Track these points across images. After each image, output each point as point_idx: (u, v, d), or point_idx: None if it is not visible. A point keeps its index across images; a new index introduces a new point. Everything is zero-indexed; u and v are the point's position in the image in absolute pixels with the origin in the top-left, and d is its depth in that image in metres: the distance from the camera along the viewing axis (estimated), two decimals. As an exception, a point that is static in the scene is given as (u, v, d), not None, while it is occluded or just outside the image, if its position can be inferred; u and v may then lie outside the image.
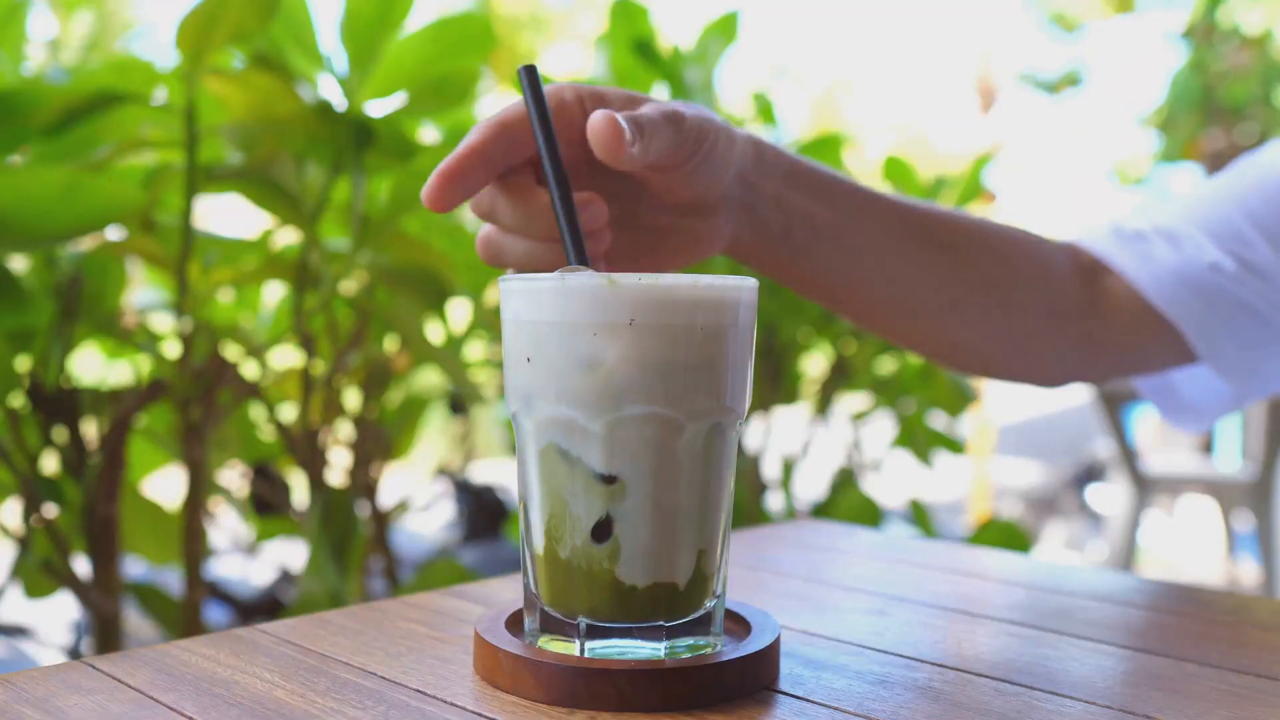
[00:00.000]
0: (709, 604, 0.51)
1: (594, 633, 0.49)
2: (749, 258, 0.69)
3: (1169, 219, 0.79)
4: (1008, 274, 0.76)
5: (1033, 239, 0.78)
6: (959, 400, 1.87)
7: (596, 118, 0.54)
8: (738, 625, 0.55)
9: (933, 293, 0.74)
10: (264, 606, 1.90)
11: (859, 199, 0.70)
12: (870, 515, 1.68)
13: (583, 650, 0.49)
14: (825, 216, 0.68)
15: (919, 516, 1.83)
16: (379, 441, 1.41)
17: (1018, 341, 0.78)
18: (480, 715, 0.46)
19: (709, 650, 0.51)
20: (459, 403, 1.95)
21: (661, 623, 0.50)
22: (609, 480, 0.48)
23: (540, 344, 0.48)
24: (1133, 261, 0.78)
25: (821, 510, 1.79)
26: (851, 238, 0.69)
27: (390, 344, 1.44)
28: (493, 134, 0.56)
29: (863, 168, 2.93)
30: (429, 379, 1.77)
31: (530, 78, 0.56)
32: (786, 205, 0.67)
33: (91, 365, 1.48)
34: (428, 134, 1.60)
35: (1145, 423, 4.45)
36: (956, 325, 0.76)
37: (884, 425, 2.03)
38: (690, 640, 0.50)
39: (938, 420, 2.02)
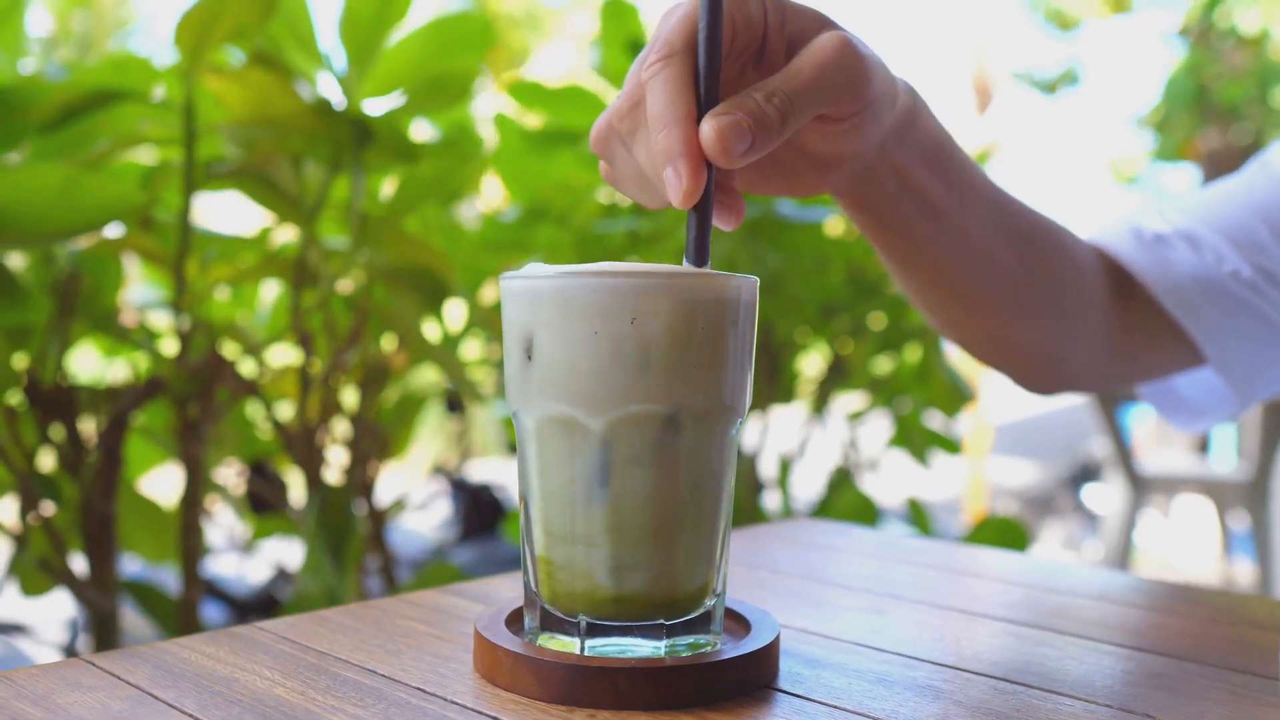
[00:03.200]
0: (709, 602, 0.51)
1: (594, 631, 0.50)
2: (849, 207, 0.67)
3: (1189, 220, 0.78)
4: (1066, 277, 0.74)
5: (1075, 239, 0.77)
6: (955, 400, 1.87)
7: (705, 129, 0.49)
8: (737, 624, 0.55)
9: (1002, 287, 0.72)
10: (261, 605, 1.90)
11: (971, 184, 0.68)
12: (867, 514, 1.68)
13: (583, 648, 0.49)
14: (938, 196, 0.66)
15: (917, 515, 1.83)
16: (376, 440, 1.41)
17: (1057, 345, 0.77)
18: (480, 713, 0.46)
19: (709, 649, 0.51)
20: (456, 401, 1.95)
21: (661, 621, 0.50)
22: (609, 478, 0.48)
23: (540, 342, 0.49)
24: (1153, 267, 0.77)
25: (818, 509, 1.79)
26: (954, 220, 0.67)
27: (388, 342, 1.44)
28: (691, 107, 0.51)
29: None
30: (426, 377, 1.77)
31: (713, 14, 0.51)
32: (908, 179, 0.64)
33: (89, 363, 1.48)
34: (425, 132, 1.60)
35: (1141, 422, 4.46)
36: (1011, 322, 0.74)
37: (880, 425, 2.03)
38: (690, 639, 0.50)
39: (934, 420, 2.02)
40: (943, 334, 0.80)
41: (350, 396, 1.39)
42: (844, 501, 1.70)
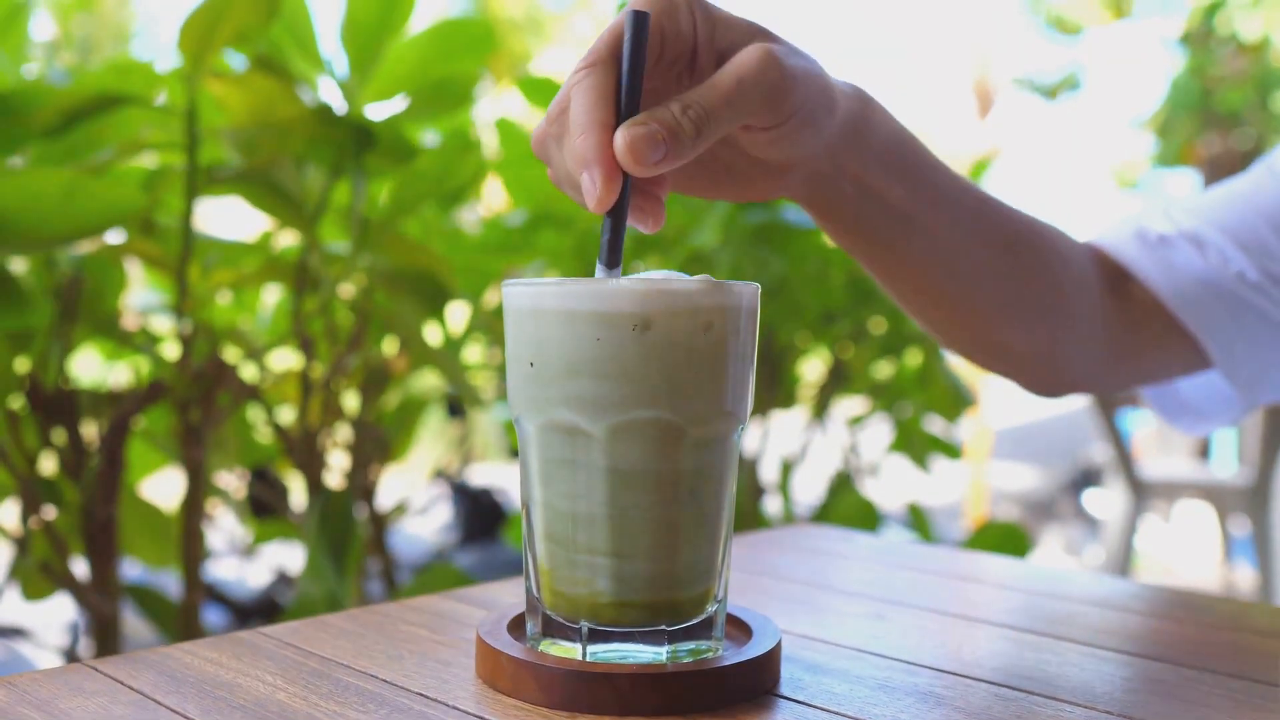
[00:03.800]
0: (710, 608, 0.51)
1: (596, 637, 0.50)
2: (811, 213, 0.67)
3: (1194, 222, 0.77)
4: (1058, 279, 0.74)
5: (1070, 240, 0.76)
6: (956, 405, 1.87)
7: (618, 138, 0.50)
8: (738, 629, 0.55)
9: (988, 291, 0.72)
10: (262, 609, 1.90)
11: (940, 187, 0.67)
12: (868, 519, 1.68)
13: (584, 654, 0.50)
14: (902, 201, 0.66)
15: (918, 520, 1.83)
16: (377, 444, 1.41)
17: (1054, 348, 0.76)
18: (482, 719, 0.46)
19: (711, 654, 0.51)
20: (457, 405, 1.95)
21: (663, 627, 0.50)
22: (611, 485, 0.48)
23: (543, 348, 0.49)
24: (1157, 269, 0.77)
25: (819, 514, 1.79)
26: (923, 224, 0.67)
27: (389, 346, 1.44)
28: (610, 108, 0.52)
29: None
30: (427, 381, 1.77)
31: (637, 27, 0.52)
32: (866, 185, 0.64)
33: (91, 367, 1.48)
34: (427, 137, 1.60)
35: (1142, 427, 4.46)
36: (1002, 326, 0.74)
37: (881, 429, 2.04)
38: (692, 644, 0.51)
39: (935, 425, 2.02)
40: (937, 340, 0.80)
41: (351, 401, 1.39)
42: (845, 506, 1.70)
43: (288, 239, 1.36)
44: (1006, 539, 1.58)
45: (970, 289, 0.71)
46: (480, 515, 3.17)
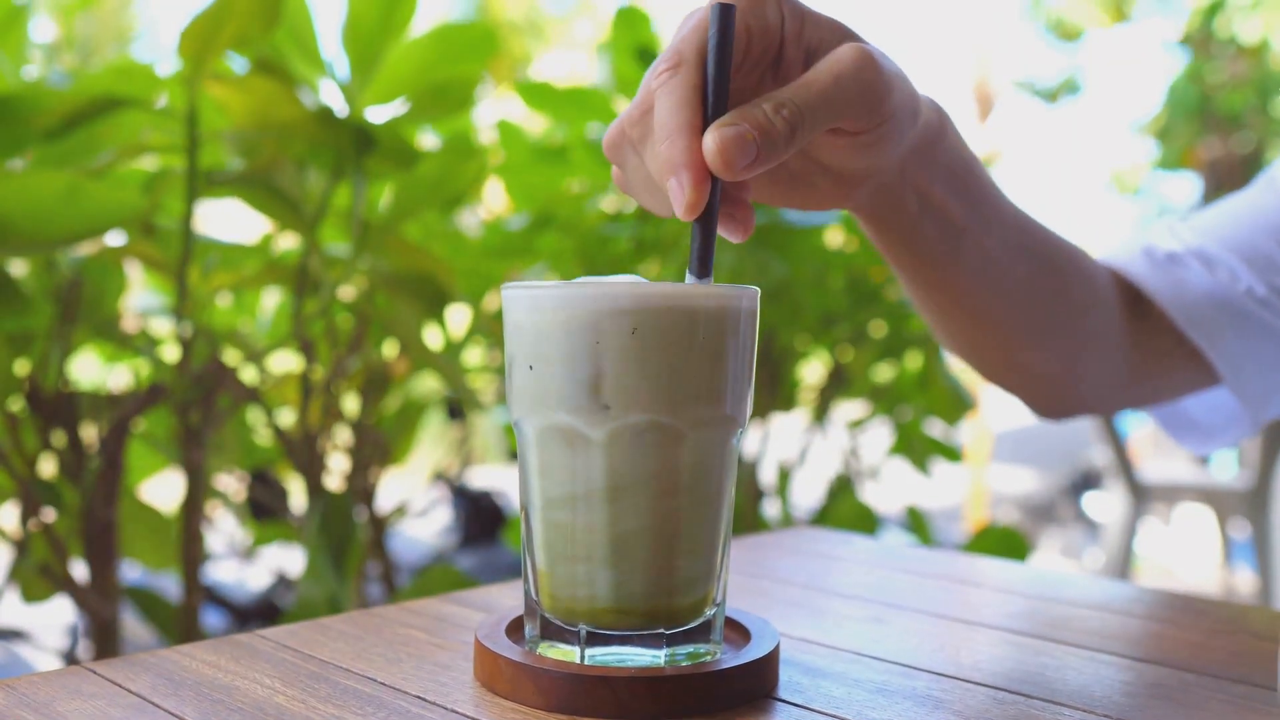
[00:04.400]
0: (709, 611, 0.51)
1: (594, 640, 0.50)
2: (869, 226, 0.66)
3: (1201, 239, 0.77)
4: (1088, 300, 0.74)
5: (1093, 260, 0.76)
6: (956, 408, 1.87)
7: (708, 140, 0.49)
8: (737, 633, 0.55)
9: (1022, 312, 0.71)
10: (261, 611, 1.90)
11: (993, 206, 0.67)
12: (867, 523, 1.68)
13: (583, 657, 0.50)
14: (961, 218, 0.65)
15: (916, 524, 1.83)
16: (377, 446, 1.41)
17: (1074, 367, 0.76)
18: (481, 722, 0.46)
19: (709, 658, 0.51)
20: (457, 408, 1.95)
21: (661, 630, 0.50)
22: (610, 488, 0.48)
23: (542, 352, 0.49)
24: (1165, 286, 0.76)
25: (819, 517, 1.79)
26: (975, 241, 0.66)
27: (389, 349, 1.44)
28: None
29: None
30: (427, 384, 1.77)
31: (723, 21, 0.49)
32: (930, 199, 0.63)
33: (90, 369, 1.48)
34: (428, 140, 1.60)
35: (1141, 431, 4.46)
36: (1032, 346, 0.73)
37: (881, 433, 2.04)
38: (690, 648, 0.51)
39: (935, 428, 2.02)
40: (960, 358, 0.79)
41: (351, 403, 1.39)
42: (844, 510, 1.70)
43: (288, 242, 1.36)
44: (1005, 544, 1.58)
45: (1009, 306, 0.70)
46: (480, 518, 3.17)
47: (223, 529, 1.86)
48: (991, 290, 0.69)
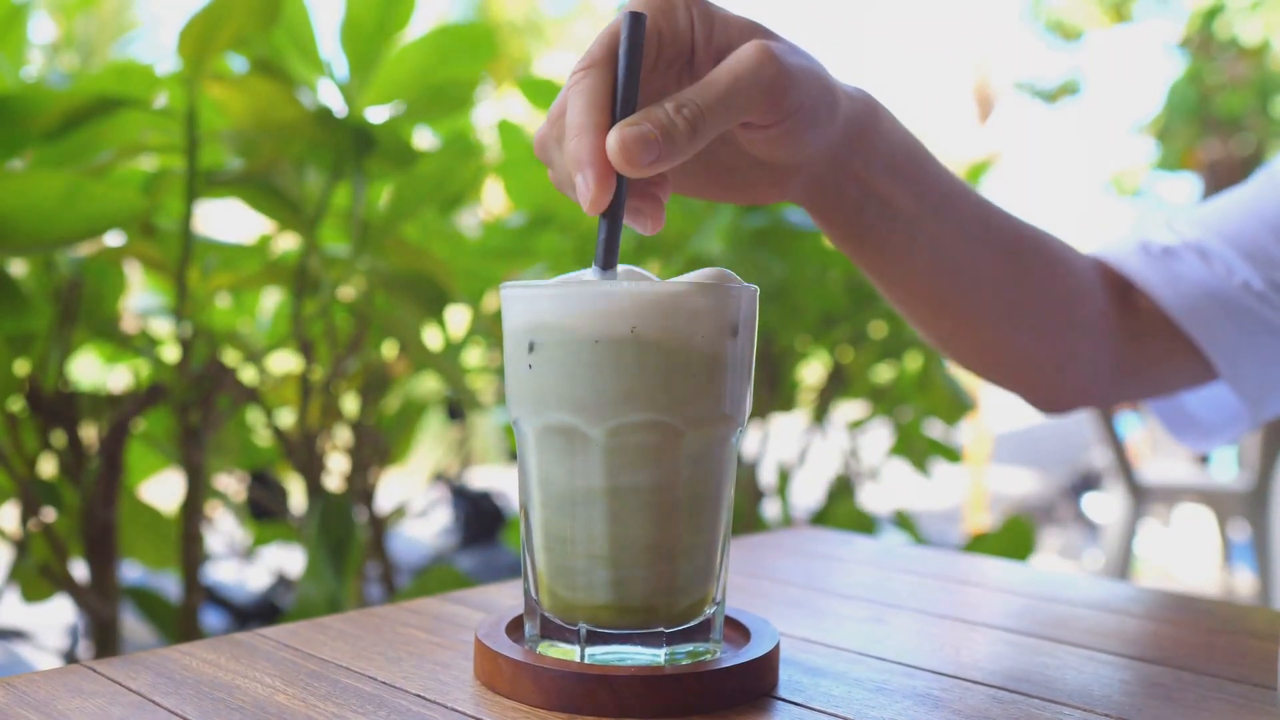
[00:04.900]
0: (709, 610, 0.51)
1: (594, 639, 0.50)
2: (814, 217, 0.67)
3: (1198, 232, 0.77)
4: (1062, 288, 0.74)
5: (1074, 252, 0.76)
6: (956, 409, 1.87)
7: (611, 139, 0.50)
8: (737, 632, 0.55)
9: (990, 298, 0.71)
10: (261, 611, 1.90)
11: (944, 193, 0.67)
12: (866, 523, 1.68)
13: (583, 656, 0.50)
14: (907, 206, 0.65)
15: (906, 527, 1.83)
16: (377, 447, 1.41)
17: (1058, 359, 0.76)
18: (480, 721, 0.46)
19: (709, 657, 0.51)
20: (457, 408, 1.95)
21: (661, 629, 0.50)
22: (609, 487, 0.48)
23: (541, 351, 0.49)
24: (1161, 280, 0.76)
25: (818, 517, 1.79)
26: (926, 230, 0.66)
27: (389, 349, 1.44)
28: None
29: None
30: (427, 384, 1.77)
31: (633, 28, 0.51)
32: (870, 189, 0.64)
33: (90, 369, 1.48)
34: (427, 140, 1.60)
35: (1141, 432, 4.46)
36: (1003, 335, 0.73)
37: (881, 433, 2.04)
38: (690, 647, 0.51)
39: (934, 429, 2.02)
40: (940, 350, 0.79)
41: (351, 403, 1.39)
42: (843, 510, 1.70)
43: (287, 242, 1.36)
44: (1012, 535, 1.57)
45: (972, 296, 0.71)
46: (480, 518, 3.18)
47: (223, 529, 1.86)
48: (949, 278, 0.69)
